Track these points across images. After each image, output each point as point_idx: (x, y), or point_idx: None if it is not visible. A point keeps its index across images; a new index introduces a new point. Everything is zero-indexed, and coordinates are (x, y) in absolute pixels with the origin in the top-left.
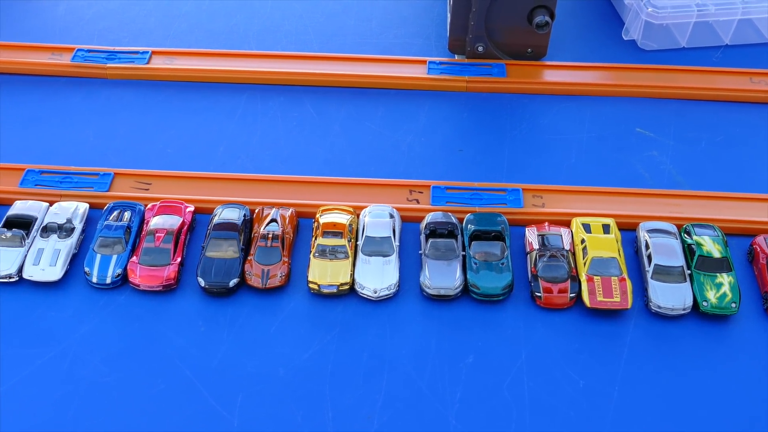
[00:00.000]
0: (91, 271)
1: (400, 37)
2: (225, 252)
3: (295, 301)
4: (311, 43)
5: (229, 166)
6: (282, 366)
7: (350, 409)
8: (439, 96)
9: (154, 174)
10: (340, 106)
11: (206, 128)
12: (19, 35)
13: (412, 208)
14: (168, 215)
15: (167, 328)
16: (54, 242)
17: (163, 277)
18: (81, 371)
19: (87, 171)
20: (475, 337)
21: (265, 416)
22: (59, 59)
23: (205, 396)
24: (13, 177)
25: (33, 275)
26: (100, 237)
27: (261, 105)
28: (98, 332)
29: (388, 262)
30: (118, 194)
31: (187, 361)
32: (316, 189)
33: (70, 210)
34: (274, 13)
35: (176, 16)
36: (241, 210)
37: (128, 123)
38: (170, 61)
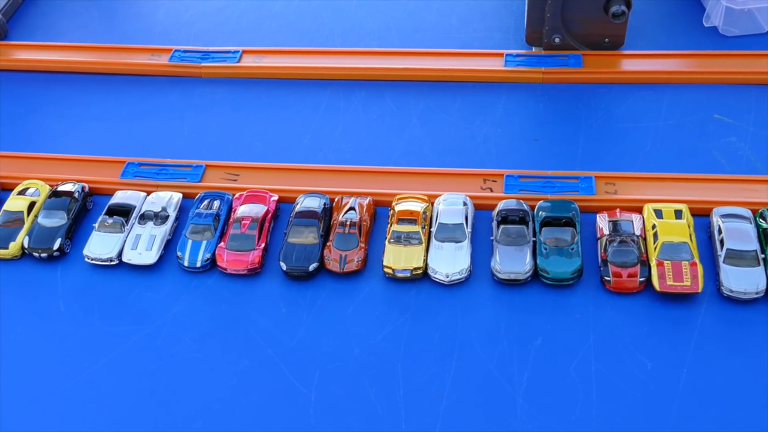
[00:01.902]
0: (183, 255)
1: (479, 31)
2: (306, 238)
3: (371, 284)
4: (393, 39)
5: (313, 157)
6: (357, 346)
7: (421, 387)
8: (515, 88)
9: (242, 166)
10: (419, 99)
11: (292, 122)
12: (122, 38)
13: (485, 197)
14: (254, 204)
15: (251, 309)
16: (150, 229)
17: (248, 261)
18: (173, 347)
19: (181, 163)
20: (544, 320)
21: (340, 392)
22: (158, 60)
23: (285, 373)
24: (114, 169)
25: (131, 259)
26: (191, 224)
27: (343, 100)
28: (189, 312)
29: (461, 247)
30: (209, 185)
31: (268, 341)
32: (394, 179)
33: (165, 199)
34: (359, 11)
35: (267, 17)
36: (321, 199)
37: (220, 118)
38: (259, 59)
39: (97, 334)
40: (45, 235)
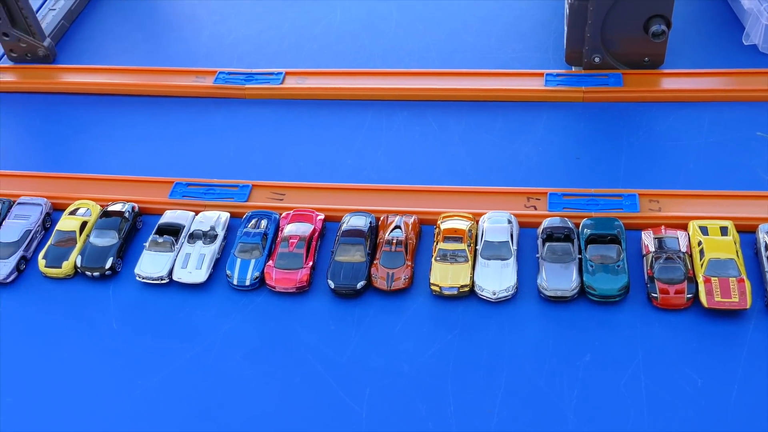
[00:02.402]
0: (232, 274)
1: (518, 51)
2: (353, 256)
3: (418, 302)
4: (433, 60)
5: (357, 176)
6: (406, 362)
7: (471, 403)
8: (556, 107)
9: (288, 185)
10: (460, 119)
11: (335, 142)
12: (167, 60)
13: (529, 214)
14: (300, 223)
15: (300, 326)
16: (200, 248)
17: (297, 279)
18: (224, 365)
19: (228, 183)
20: (592, 336)
21: (391, 409)
22: (202, 81)
23: (335, 389)
24: (163, 189)
25: (181, 277)
26: (239, 243)
27: (386, 120)
28: (239, 330)
29: (507, 265)
30: (256, 204)
31: (318, 357)
32: (438, 197)
33: (214, 218)
34: (398, 32)
35: (308, 39)
36: (367, 217)
37: (264, 139)
38: (302, 80)
39: (149, 351)
40: (97, 255)
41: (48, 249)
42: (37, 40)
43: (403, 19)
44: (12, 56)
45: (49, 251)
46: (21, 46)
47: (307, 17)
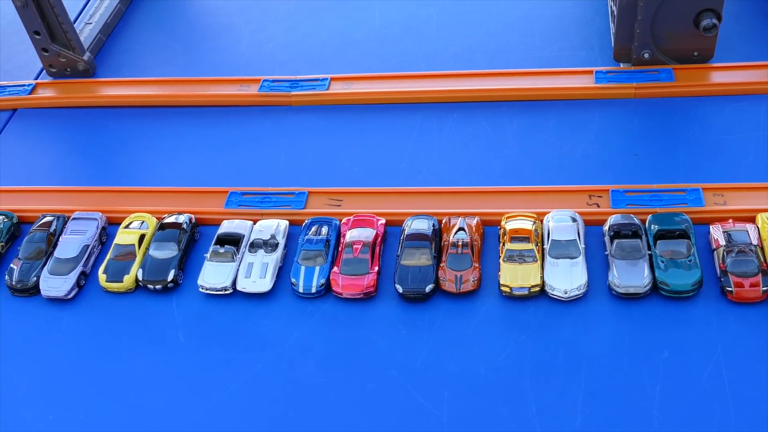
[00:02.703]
0: (298, 281)
1: (563, 49)
2: (419, 260)
3: (488, 304)
4: (478, 61)
5: (412, 180)
6: (482, 365)
7: (553, 403)
8: (608, 104)
9: (344, 191)
10: (512, 119)
11: (386, 146)
12: (208, 70)
13: (592, 212)
14: (362, 228)
15: (370, 332)
16: (262, 257)
17: (364, 285)
18: (297, 373)
19: (284, 191)
20: (668, 332)
21: (472, 412)
22: (247, 90)
23: (413, 394)
24: (218, 199)
25: (246, 287)
26: (303, 250)
27: (436, 122)
28: (309, 338)
29: (576, 263)
30: (313, 211)
31: (392, 363)
32: (497, 198)
33: (273, 227)
34: (440, 35)
35: (349, 45)
36: (429, 220)
37: (314, 145)
38: (348, 86)
39: (220, 362)
40: (158, 267)
41: (108, 263)
42: (77, 54)
43: (443, 21)
44: (51, 71)
45: (109, 266)
46: (60, 61)
47: (346, 22)
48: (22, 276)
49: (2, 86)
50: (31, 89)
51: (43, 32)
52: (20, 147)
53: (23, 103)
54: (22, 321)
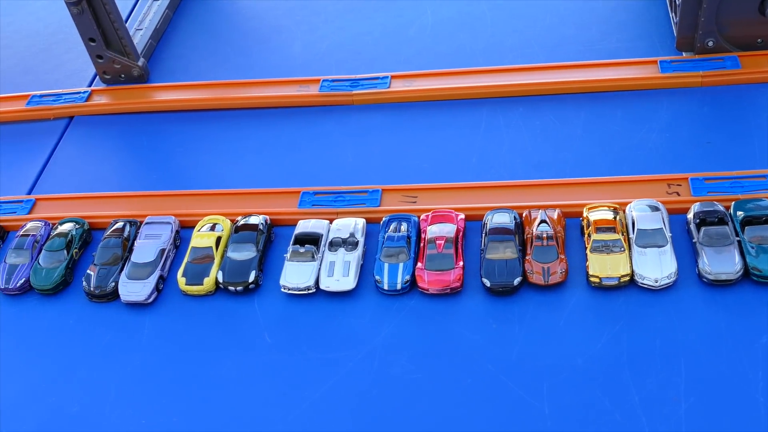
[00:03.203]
0: (382, 278)
1: (622, 41)
2: (504, 253)
3: (576, 295)
4: (536, 55)
5: (485, 174)
6: (579, 356)
7: (655, 392)
8: (674, 93)
9: (418, 187)
10: (579, 112)
11: (455, 142)
12: (263, 73)
13: (673, 201)
14: (442, 224)
15: (460, 327)
16: (343, 255)
17: (450, 280)
18: (391, 371)
19: (357, 189)
20: (764, 317)
21: (573, 402)
22: (307, 90)
23: (511, 387)
24: (290, 199)
25: (329, 286)
26: (384, 247)
27: (502, 116)
28: (398, 334)
29: (664, 252)
30: (389, 208)
31: (486, 357)
32: (574, 189)
33: (351, 225)
34: (495, 30)
35: (404, 42)
36: (510, 214)
37: (381, 143)
38: (410, 83)
39: (310, 362)
40: (238, 269)
41: (186, 267)
42: (132, 60)
43: (497, 17)
44: (105, 78)
45: (188, 269)
46: (115, 68)
47: (398, 21)
48: (100, 282)
49: (57, 94)
50: (87, 96)
51: (99, 39)
52: (81, 154)
53: (80, 110)
54: (103, 327)
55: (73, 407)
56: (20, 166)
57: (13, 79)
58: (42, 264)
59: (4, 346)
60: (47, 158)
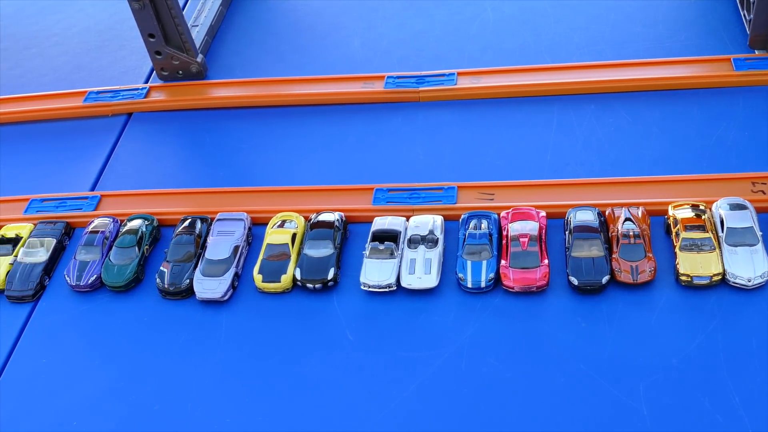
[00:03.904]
0: (465, 276)
1: (690, 38)
2: (590, 251)
3: (666, 293)
4: (604, 52)
5: (560, 171)
6: (673, 356)
7: (756, 393)
8: (750, 91)
9: (495, 184)
10: (653, 109)
11: (526, 139)
12: (323, 69)
13: (759, 199)
14: (524, 221)
15: (548, 325)
16: (423, 252)
17: (536, 278)
18: (480, 370)
19: (431, 186)
20: None
21: (672, 403)
22: (371, 87)
23: (607, 388)
24: (363, 196)
25: (411, 284)
26: (466, 245)
27: (574, 114)
28: (484, 333)
29: (756, 251)
30: (466, 205)
31: (578, 356)
32: (655, 187)
33: (429, 222)
34: (558, 28)
35: (466, 39)
36: (593, 211)
37: (451, 140)
38: (477, 80)
39: (396, 361)
40: (316, 266)
41: (262, 264)
42: (191, 56)
43: (560, 14)
44: (163, 75)
45: (264, 266)
46: (173, 64)
47: (458, 18)
48: (174, 279)
49: (115, 91)
50: (145, 93)
51: (158, 35)
52: (142, 150)
53: (138, 107)
54: (179, 324)
55: (153, 405)
56: (81, 163)
57: (68, 76)
58: (113, 261)
59: (80, 343)
60: (108, 155)
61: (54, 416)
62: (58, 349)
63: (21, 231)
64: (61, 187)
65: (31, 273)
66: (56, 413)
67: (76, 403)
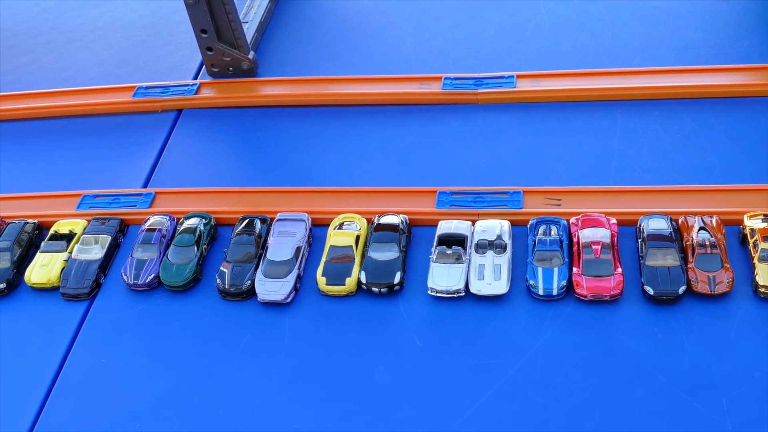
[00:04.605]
0: (536, 283)
1: (753, 45)
2: (665, 261)
3: (745, 305)
4: (665, 58)
5: (627, 178)
6: (755, 369)
7: None
8: None
9: (562, 190)
10: (719, 116)
11: (590, 144)
12: (376, 69)
13: None
14: (595, 228)
15: (624, 335)
16: (492, 258)
17: (611, 287)
18: (554, 379)
19: (495, 190)
20: None
21: (757, 418)
22: (428, 88)
23: (688, 401)
24: (427, 199)
25: (481, 290)
26: (537, 251)
27: (638, 119)
28: (557, 342)
29: None
30: (533, 210)
31: (656, 367)
32: (727, 196)
33: (496, 227)
34: (616, 31)
35: (521, 42)
36: (666, 219)
37: (512, 143)
38: (536, 83)
39: (468, 368)
40: (382, 270)
41: (325, 266)
42: (242, 53)
43: (616, 18)
44: (213, 71)
45: (327, 268)
46: (224, 60)
47: (512, 20)
48: (235, 279)
49: (164, 86)
50: (196, 89)
51: (211, 30)
52: (194, 147)
53: (189, 103)
54: (241, 326)
55: (218, 409)
56: (132, 159)
57: (114, 71)
58: (171, 260)
59: (139, 343)
60: (159, 151)
61: (116, 418)
62: (117, 348)
63: (74, 227)
64: (113, 183)
65: (86, 270)
66: (118, 415)
67: (138, 406)
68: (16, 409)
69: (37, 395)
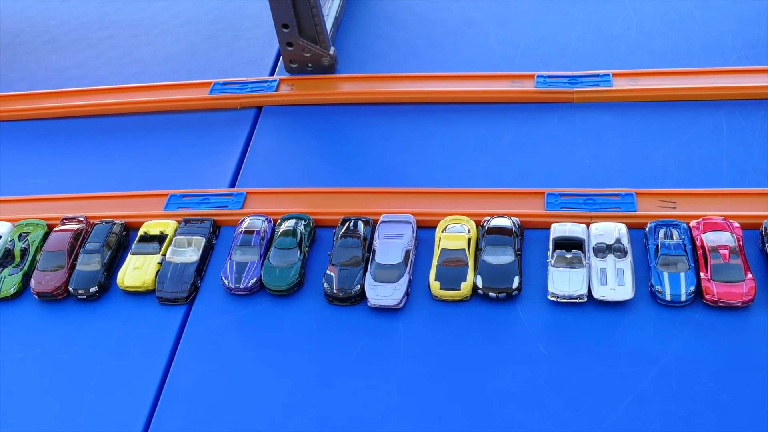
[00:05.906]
0: (663, 289)
1: None
2: None
3: None
4: (764, 57)
5: (740, 180)
6: None
7: None
8: None
9: (676, 192)
10: None
11: (697, 145)
12: (461, 66)
13: None
14: (718, 231)
15: (761, 343)
16: (613, 262)
17: (743, 293)
18: (694, 388)
19: (606, 192)
20: None
21: None
22: (521, 86)
23: None
24: (535, 200)
25: (605, 295)
26: (662, 255)
27: (744, 120)
28: (690, 349)
29: None
30: (647, 213)
31: None
32: None
33: (613, 230)
34: (709, 30)
35: (610, 39)
36: None
37: (615, 143)
38: (634, 82)
39: (599, 377)
40: (499, 274)
41: (437, 270)
42: (324, 49)
43: (707, 15)
44: (291, 67)
45: (440, 272)
46: (304, 56)
47: (598, 17)
48: (343, 284)
49: (242, 83)
50: (276, 86)
51: (293, 25)
52: (280, 145)
53: (269, 100)
54: (353, 332)
55: (340, 419)
56: (215, 157)
57: (184, 66)
58: (273, 263)
59: (247, 349)
60: (243, 149)
61: (230, 429)
62: (224, 355)
63: (165, 228)
64: (198, 182)
65: (183, 274)
66: (232, 426)
67: (254, 417)
68: (125, 419)
69: (144, 404)
